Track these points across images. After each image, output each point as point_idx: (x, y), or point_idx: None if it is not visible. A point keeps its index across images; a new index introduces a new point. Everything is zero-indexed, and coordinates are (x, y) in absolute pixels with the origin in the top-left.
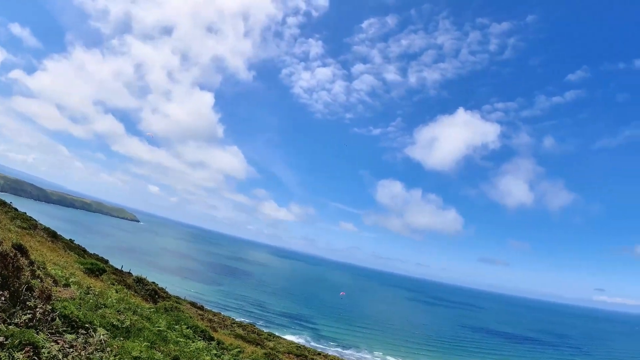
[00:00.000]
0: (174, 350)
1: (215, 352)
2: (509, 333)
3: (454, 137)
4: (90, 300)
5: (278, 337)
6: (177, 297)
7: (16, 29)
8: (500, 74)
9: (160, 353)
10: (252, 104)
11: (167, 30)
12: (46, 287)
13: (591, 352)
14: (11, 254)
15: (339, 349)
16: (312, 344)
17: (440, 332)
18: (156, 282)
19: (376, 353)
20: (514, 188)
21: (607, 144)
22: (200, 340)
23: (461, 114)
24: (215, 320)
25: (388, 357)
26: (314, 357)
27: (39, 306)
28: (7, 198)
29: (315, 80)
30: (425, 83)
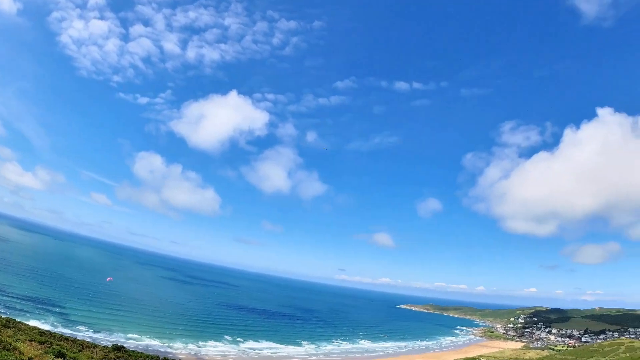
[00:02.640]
0: None
1: None
2: (264, 309)
3: (223, 118)
4: None
5: (19, 323)
6: None
7: None
8: (276, 67)
9: None
10: (8, 43)
11: None
12: None
13: (335, 323)
14: None
15: (90, 333)
16: (60, 329)
17: (196, 311)
18: None
19: (130, 335)
20: (274, 174)
21: (359, 147)
22: None
23: (234, 97)
24: None
25: (144, 338)
26: (61, 342)
27: None
28: None
29: (87, 32)
30: (203, 60)
